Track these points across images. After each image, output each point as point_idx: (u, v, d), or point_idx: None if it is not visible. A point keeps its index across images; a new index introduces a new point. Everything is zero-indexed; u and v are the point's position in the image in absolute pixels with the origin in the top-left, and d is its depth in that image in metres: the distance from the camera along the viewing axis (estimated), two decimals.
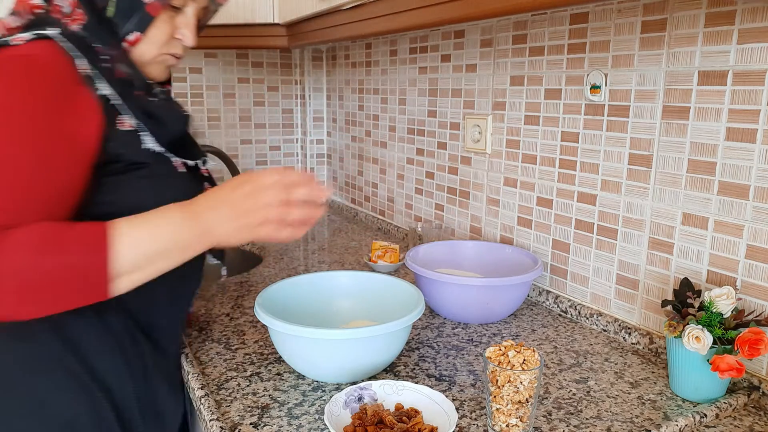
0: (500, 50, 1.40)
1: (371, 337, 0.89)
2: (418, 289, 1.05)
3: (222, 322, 1.21)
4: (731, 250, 0.96)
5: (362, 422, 0.79)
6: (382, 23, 1.28)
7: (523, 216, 1.38)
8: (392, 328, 0.90)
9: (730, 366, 0.84)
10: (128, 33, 0.85)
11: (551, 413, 0.87)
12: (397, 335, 0.93)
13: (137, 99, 0.85)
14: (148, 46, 0.87)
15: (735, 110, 0.93)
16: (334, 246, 1.82)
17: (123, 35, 0.85)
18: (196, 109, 2.29)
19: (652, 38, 1.04)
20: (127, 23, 0.85)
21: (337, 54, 2.24)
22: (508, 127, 1.40)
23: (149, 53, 0.88)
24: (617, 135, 1.13)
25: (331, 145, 2.42)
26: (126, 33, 0.85)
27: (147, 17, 0.85)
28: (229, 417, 0.86)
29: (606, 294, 1.19)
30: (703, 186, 0.99)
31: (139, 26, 0.85)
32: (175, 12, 0.88)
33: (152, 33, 0.87)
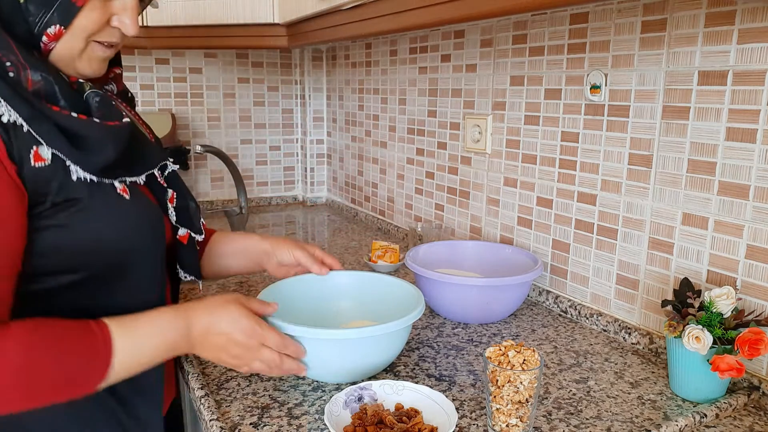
0: (500, 50, 1.40)
1: (371, 337, 0.89)
2: (419, 289, 1.05)
3: None
4: (731, 250, 0.96)
5: (362, 422, 0.79)
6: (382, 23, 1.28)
7: (523, 216, 1.38)
8: (392, 328, 0.89)
9: (730, 366, 0.84)
10: (47, 26, 0.68)
11: (551, 413, 0.87)
12: (397, 335, 0.93)
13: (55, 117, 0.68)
14: (73, 40, 0.71)
15: (735, 110, 0.93)
16: (334, 246, 1.82)
17: (40, 28, 0.69)
18: (196, 109, 2.30)
19: (652, 38, 1.04)
20: (45, 14, 0.68)
21: (337, 54, 2.24)
22: (508, 127, 1.40)
23: (76, 47, 0.72)
24: (617, 135, 1.13)
25: (331, 145, 2.42)
26: (43, 26, 0.68)
27: (71, 7, 0.68)
28: (229, 417, 0.86)
29: (606, 294, 1.19)
30: (703, 186, 0.99)
31: (61, 18, 0.68)
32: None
33: (79, 24, 0.70)
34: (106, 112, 0.73)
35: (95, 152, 0.70)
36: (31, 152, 0.65)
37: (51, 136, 0.67)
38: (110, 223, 0.73)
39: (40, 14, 0.68)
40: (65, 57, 0.72)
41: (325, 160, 2.48)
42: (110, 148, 0.72)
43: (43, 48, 0.70)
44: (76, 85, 0.73)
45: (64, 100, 0.69)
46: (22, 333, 0.64)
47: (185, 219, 0.90)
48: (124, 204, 0.75)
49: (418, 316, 0.94)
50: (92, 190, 0.71)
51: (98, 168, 0.71)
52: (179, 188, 0.89)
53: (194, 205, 0.93)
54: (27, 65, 0.66)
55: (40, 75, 0.67)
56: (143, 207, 0.79)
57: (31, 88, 0.67)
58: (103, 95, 0.74)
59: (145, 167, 0.81)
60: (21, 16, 0.68)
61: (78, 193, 0.70)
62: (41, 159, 0.66)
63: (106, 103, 0.74)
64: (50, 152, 0.67)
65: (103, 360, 0.68)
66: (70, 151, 0.68)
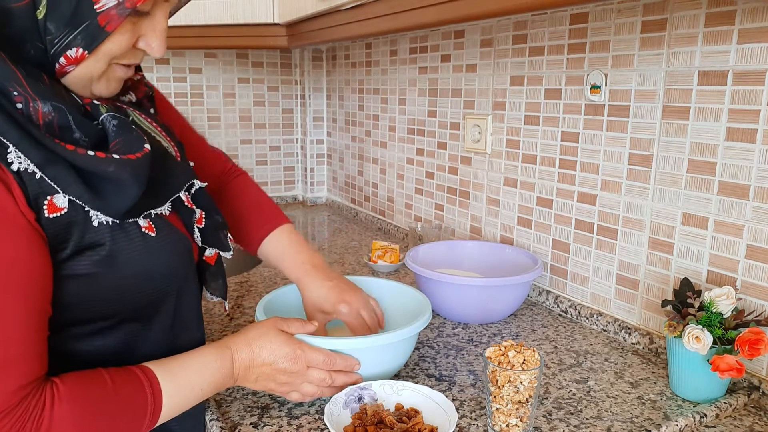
0: (500, 50, 1.40)
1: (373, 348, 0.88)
2: (425, 296, 1.03)
3: (222, 323, 1.21)
4: (731, 250, 0.96)
5: (362, 422, 0.79)
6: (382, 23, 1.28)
7: (523, 216, 1.38)
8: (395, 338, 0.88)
9: (730, 366, 0.84)
10: (67, 48, 0.61)
11: (551, 413, 0.87)
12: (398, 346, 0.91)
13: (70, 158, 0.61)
14: (95, 64, 0.65)
15: (735, 110, 0.93)
16: (334, 246, 1.82)
17: (58, 50, 0.61)
18: (196, 109, 2.30)
19: (652, 38, 1.04)
20: (67, 35, 0.61)
21: (337, 54, 2.24)
22: (508, 127, 1.40)
23: (97, 70, 0.66)
24: (617, 135, 1.13)
25: (331, 145, 2.42)
26: (63, 47, 0.61)
27: (99, 32, 0.61)
28: (229, 417, 0.86)
29: (606, 294, 1.19)
30: (703, 186, 0.99)
31: (86, 42, 0.61)
32: (138, 17, 0.65)
33: (105, 48, 0.63)
34: (125, 141, 0.67)
35: (117, 195, 0.65)
36: (45, 202, 0.60)
37: (68, 181, 0.61)
38: (137, 267, 0.68)
39: (61, 35, 0.60)
40: (82, 80, 0.66)
41: (325, 160, 2.48)
42: (133, 188, 0.65)
43: (57, 69, 0.63)
44: (90, 106, 0.67)
45: (80, 131, 0.63)
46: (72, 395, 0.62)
47: (213, 238, 0.84)
48: (151, 243, 0.70)
49: (424, 325, 0.93)
50: (115, 234, 0.66)
51: (121, 212, 0.66)
52: (207, 206, 0.83)
53: (221, 221, 0.86)
54: (35, 96, 0.60)
55: (50, 105, 0.61)
56: (171, 242, 0.73)
57: (42, 121, 0.61)
58: (120, 118, 0.68)
59: (170, 192, 0.75)
60: (36, 33, 0.61)
61: (100, 238, 0.65)
62: (57, 209, 0.61)
63: (125, 126, 0.68)
64: (67, 199, 0.61)
65: (153, 410, 0.68)
66: (89, 197, 0.62)
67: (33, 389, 0.60)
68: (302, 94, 2.40)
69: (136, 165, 0.65)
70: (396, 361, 0.93)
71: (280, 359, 0.80)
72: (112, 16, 0.61)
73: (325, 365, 0.84)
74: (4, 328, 0.58)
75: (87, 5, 0.60)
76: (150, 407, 0.67)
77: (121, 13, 0.61)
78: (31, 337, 0.60)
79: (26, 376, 0.59)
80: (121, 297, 0.69)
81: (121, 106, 0.73)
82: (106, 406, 0.64)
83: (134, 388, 0.67)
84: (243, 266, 1.73)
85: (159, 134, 0.78)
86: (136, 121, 0.74)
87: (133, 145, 0.67)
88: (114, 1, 0.60)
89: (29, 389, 0.59)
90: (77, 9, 0.60)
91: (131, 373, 0.68)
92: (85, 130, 0.64)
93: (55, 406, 0.60)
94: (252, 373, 0.80)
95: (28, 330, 0.60)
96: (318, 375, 0.83)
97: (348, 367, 0.86)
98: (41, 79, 0.62)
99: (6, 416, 0.58)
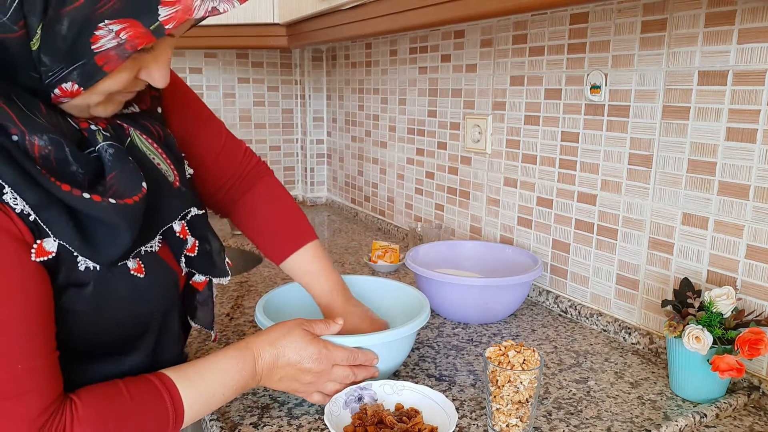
0: (500, 50, 1.40)
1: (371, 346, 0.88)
2: (423, 294, 1.04)
3: (222, 322, 1.21)
4: (731, 250, 0.96)
5: (362, 422, 0.79)
6: (382, 23, 1.28)
7: (523, 216, 1.38)
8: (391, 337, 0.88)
9: (730, 366, 0.84)
10: (62, 81, 0.59)
11: (551, 413, 0.87)
12: (402, 342, 0.91)
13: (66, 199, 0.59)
14: (92, 97, 0.63)
15: (735, 110, 0.93)
16: (334, 246, 1.82)
17: (53, 81, 0.59)
18: None
19: (652, 38, 1.04)
20: (62, 70, 0.58)
21: (337, 54, 2.24)
22: (508, 127, 1.40)
23: (94, 100, 0.64)
24: (617, 135, 1.13)
25: (331, 145, 2.42)
26: (58, 80, 0.59)
27: (96, 72, 0.58)
28: (229, 417, 0.86)
29: (606, 294, 1.19)
30: (703, 186, 0.99)
31: (82, 79, 0.58)
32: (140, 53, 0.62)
33: (102, 86, 0.61)
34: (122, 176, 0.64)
35: (109, 241, 0.62)
36: (35, 245, 0.58)
37: (60, 226, 0.59)
38: (121, 307, 0.67)
39: (55, 69, 0.58)
40: (79, 107, 0.64)
41: (325, 160, 2.48)
42: (127, 235, 0.63)
43: (52, 98, 0.61)
44: (87, 132, 0.65)
45: (77, 164, 0.61)
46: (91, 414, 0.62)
47: (205, 264, 0.81)
48: (138, 284, 0.67)
49: (422, 324, 0.93)
50: (102, 276, 0.64)
51: (110, 261, 0.64)
52: (202, 233, 0.79)
53: (218, 246, 0.83)
54: (31, 131, 0.58)
55: (46, 138, 0.59)
56: (159, 280, 0.71)
57: (38, 154, 0.58)
58: (117, 147, 0.66)
59: (163, 223, 0.73)
60: (31, 64, 0.58)
61: (85, 278, 0.63)
62: (45, 253, 0.59)
63: (121, 157, 0.65)
64: (57, 244, 0.59)
65: (175, 419, 0.68)
66: (79, 243, 0.60)
67: (53, 412, 0.60)
68: (302, 94, 2.40)
69: (132, 210, 0.63)
70: (396, 359, 0.93)
71: (305, 359, 0.80)
72: (110, 57, 0.57)
73: (348, 362, 0.84)
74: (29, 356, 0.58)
75: (84, 44, 0.56)
76: (171, 416, 0.67)
77: (120, 55, 0.57)
78: (49, 360, 0.60)
79: (48, 398, 0.59)
80: (100, 332, 0.67)
81: (121, 124, 0.71)
82: (126, 421, 0.64)
83: (153, 399, 0.66)
84: (243, 266, 1.73)
85: (159, 156, 0.75)
86: (137, 145, 0.71)
87: (130, 184, 0.65)
88: (113, 42, 0.57)
89: (50, 412, 0.59)
90: (73, 46, 0.56)
91: (149, 382, 0.67)
92: (82, 162, 0.62)
93: (75, 427, 0.60)
94: (276, 374, 0.79)
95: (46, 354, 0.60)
96: (342, 372, 0.83)
97: (368, 362, 0.86)
98: (38, 109, 0.59)
99: None
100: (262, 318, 0.93)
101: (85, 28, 0.56)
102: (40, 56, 0.57)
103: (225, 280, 0.84)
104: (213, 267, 0.82)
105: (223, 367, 0.74)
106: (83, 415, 0.61)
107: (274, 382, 0.80)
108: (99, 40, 0.56)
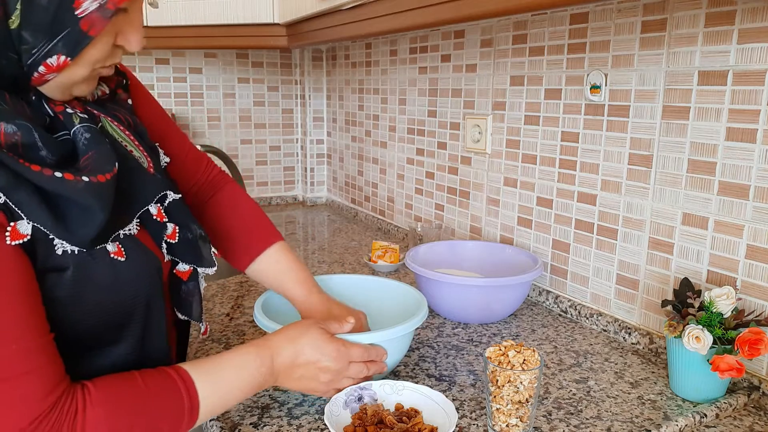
0: (500, 50, 1.40)
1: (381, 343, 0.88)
2: (421, 293, 1.04)
3: (222, 322, 1.21)
4: (731, 250, 0.96)
5: (362, 422, 0.79)
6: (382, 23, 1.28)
7: (523, 216, 1.38)
8: (390, 335, 0.88)
9: (730, 366, 0.84)
10: (47, 56, 0.58)
11: (551, 413, 0.87)
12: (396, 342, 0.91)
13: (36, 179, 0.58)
14: (78, 70, 0.62)
15: (735, 110, 0.93)
16: (334, 246, 1.82)
17: (36, 59, 0.58)
18: (196, 109, 2.30)
19: (652, 38, 1.04)
20: (47, 43, 0.57)
21: (337, 54, 2.24)
22: (508, 127, 1.40)
23: (79, 76, 0.63)
24: (617, 135, 1.13)
25: (331, 145, 2.42)
26: (42, 56, 0.58)
27: (82, 38, 0.58)
28: (229, 417, 0.86)
29: (606, 294, 1.19)
30: (703, 186, 0.99)
31: (68, 48, 0.58)
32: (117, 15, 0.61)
33: (88, 54, 0.61)
34: (97, 157, 0.63)
35: (82, 221, 0.61)
36: (9, 228, 0.57)
37: (31, 207, 0.58)
38: (103, 294, 0.65)
39: (39, 44, 0.57)
40: (63, 85, 0.63)
41: (325, 160, 2.48)
42: (100, 214, 0.62)
43: (35, 77, 0.60)
44: (63, 115, 0.64)
45: (46, 149, 0.60)
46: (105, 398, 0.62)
47: (189, 253, 0.79)
48: (119, 269, 0.66)
49: (419, 323, 0.93)
50: (81, 259, 0.62)
51: (86, 242, 0.62)
52: (183, 219, 0.78)
53: (200, 233, 0.81)
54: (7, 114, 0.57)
55: (13, 125, 0.57)
56: (140, 265, 0.69)
57: (5, 142, 0.57)
58: (93, 130, 0.65)
59: (138, 206, 0.71)
60: (10, 44, 0.57)
61: (64, 263, 0.61)
62: (19, 236, 0.57)
63: (97, 139, 0.65)
64: (31, 226, 0.58)
65: (191, 412, 0.68)
66: (54, 224, 0.59)
67: (63, 393, 0.60)
68: (302, 94, 2.40)
69: (104, 188, 0.62)
70: (397, 356, 0.94)
71: (324, 357, 0.80)
72: (94, 20, 0.58)
73: (363, 358, 0.85)
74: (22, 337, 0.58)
75: (67, 11, 0.56)
76: (186, 409, 0.67)
77: (104, 16, 0.58)
78: (44, 341, 0.60)
79: (51, 380, 0.59)
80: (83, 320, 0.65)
81: (93, 111, 0.70)
82: (140, 409, 0.64)
83: (168, 388, 0.66)
84: None
85: (131, 143, 0.74)
86: (107, 131, 0.71)
87: (103, 163, 0.64)
88: (95, 4, 0.57)
89: (58, 393, 0.59)
90: (56, 16, 0.56)
91: (164, 373, 0.67)
92: (51, 147, 0.61)
93: (87, 409, 0.60)
94: (295, 372, 0.79)
95: (41, 335, 0.59)
96: (357, 368, 0.84)
97: (379, 357, 0.87)
98: (1, 97, 0.59)
99: (41, 422, 0.58)
100: (261, 317, 0.93)
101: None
102: (20, 34, 0.57)
103: (211, 270, 0.82)
104: (197, 256, 0.80)
105: (240, 362, 0.74)
106: (96, 398, 0.61)
107: (293, 381, 0.80)
108: (81, 4, 0.57)
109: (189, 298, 0.82)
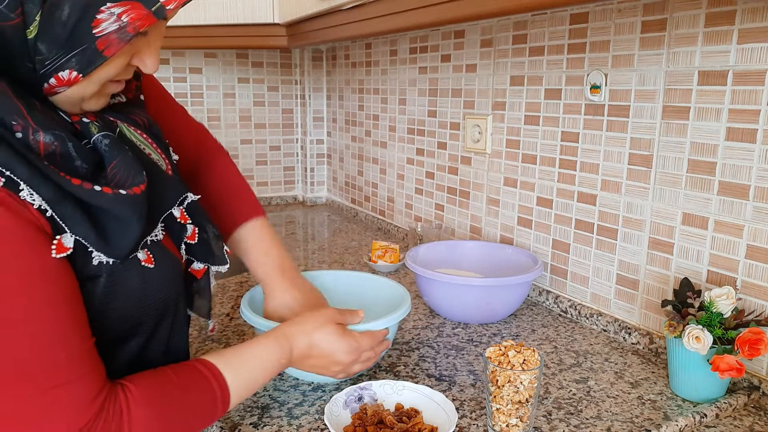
0: (500, 50, 1.40)
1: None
2: (405, 288, 1.05)
3: (222, 322, 1.21)
4: (731, 250, 0.96)
5: (362, 422, 0.79)
6: (382, 23, 1.28)
7: (523, 216, 1.38)
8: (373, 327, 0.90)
9: (730, 366, 0.84)
10: (59, 70, 0.58)
11: (551, 413, 0.87)
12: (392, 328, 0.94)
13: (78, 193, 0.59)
14: (89, 86, 0.62)
15: (735, 110, 0.93)
16: (334, 246, 1.82)
17: (48, 71, 0.58)
18: (196, 109, 2.29)
19: (652, 38, 1.04)
20: (60, 57, 0.57)
21: (337, 54, 2.24)
22: (508, 127, 1.40)
23: (90, 91, 0.63)
24: (617, 135, 1.13)
25: (331, 145, 2.42)
26: (54, 69, 0.58)
27: (96, 57, 0.58)
28: (229, 417, 0.86)
29: (606, 294, 1.19)
30: (703, 186, 0.99)
31: (81, 65, 0.58)
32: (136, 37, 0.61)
33: (101, 72, 0.61)
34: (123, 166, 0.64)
35: (121, 233, 0.62)
36: (54, 241, 0.58)
37: (75, 220, 0.59)
38: (132, 299, 0.66)
39: (53, 57, 0.57)
40: (72, 99, 0.63)
41: (325, 160, 2.48)
42: (136, 227, 0.63)
43: (45, 89, 0.60)
44: (80, 125, 0.64)
45: (80, 158, 0.61)
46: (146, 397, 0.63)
47: (203, 252, 0.80)
48: (148, 275, 0.67)
49: (402, 316, 0.95)
50: (113, 269, 0.63)
51: (123, 255, 0.63)
52: (201, 220, 0.79)
53: (216, 233, 0.82)
54: (37, 127, 0.57)
55: (51, 135, 0.58)
56: (168, 270, 0.71)
57: (44, 152, 0.58)
58: (111, 137, 0.65)
59: (163, 210, 0.72)
60: (26, 53, 0.57)
61: (98, 272, 0.62)
62: (64, 249, 0.58)
63: (117, 146, 0.65)
64: (73, 239, 0.59)
65: (223, 403, 0.70)
66: (95, 238, 0.60)
67: (107, 395, 0.61)
68: (302, 94, 2.40)
69: (139, 200, 0.63)
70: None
71: (337, 351, 0.84)
72: (112, 41, 0.57)
73: (372, 345, 0.89)
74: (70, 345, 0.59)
75: (85, 28, 0.56)
76: (219, 398, 0.70)
77: (122, 38, 0.57)
78: (88, 346, 0.61)
79: (97, 384, 0.60)
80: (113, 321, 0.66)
81: (108, 118, 0.70)
82: (178, 404, 0.66)
83: (200, 382, 0.69)
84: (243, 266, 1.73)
85: (149, 146, 0.74)
86: (126, 137, 0.71)
87: (132, 173, 0.64)
88: (115, 26, 0.56)
89: (104, 395, 0.60)
90: (74, 32, 0.56)
91: (193, 368, 0.69)
92: (83, 156, 0.61)
93: (132, 409, 0.62)
94: (307, 362, 0.83)
95: (84, 341, 0.61)
96: (367, 355, 0.88)
97: (383, 337, 0.92)
98: (34, 106, 0.59)
99: (93, 426, 0.59)
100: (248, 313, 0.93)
101: (87, 12, 0.55)
102: (36, 44, 0.56)
103: (224, 267, 0.83)
104: (211, 254, 0.81)
105: (264, 355, 0.77)
106: (138, 396, 0.63)
107: (305, 367, 0.84)
108: (101, 23, 0.56)
109: (201, 295, 0.84)
